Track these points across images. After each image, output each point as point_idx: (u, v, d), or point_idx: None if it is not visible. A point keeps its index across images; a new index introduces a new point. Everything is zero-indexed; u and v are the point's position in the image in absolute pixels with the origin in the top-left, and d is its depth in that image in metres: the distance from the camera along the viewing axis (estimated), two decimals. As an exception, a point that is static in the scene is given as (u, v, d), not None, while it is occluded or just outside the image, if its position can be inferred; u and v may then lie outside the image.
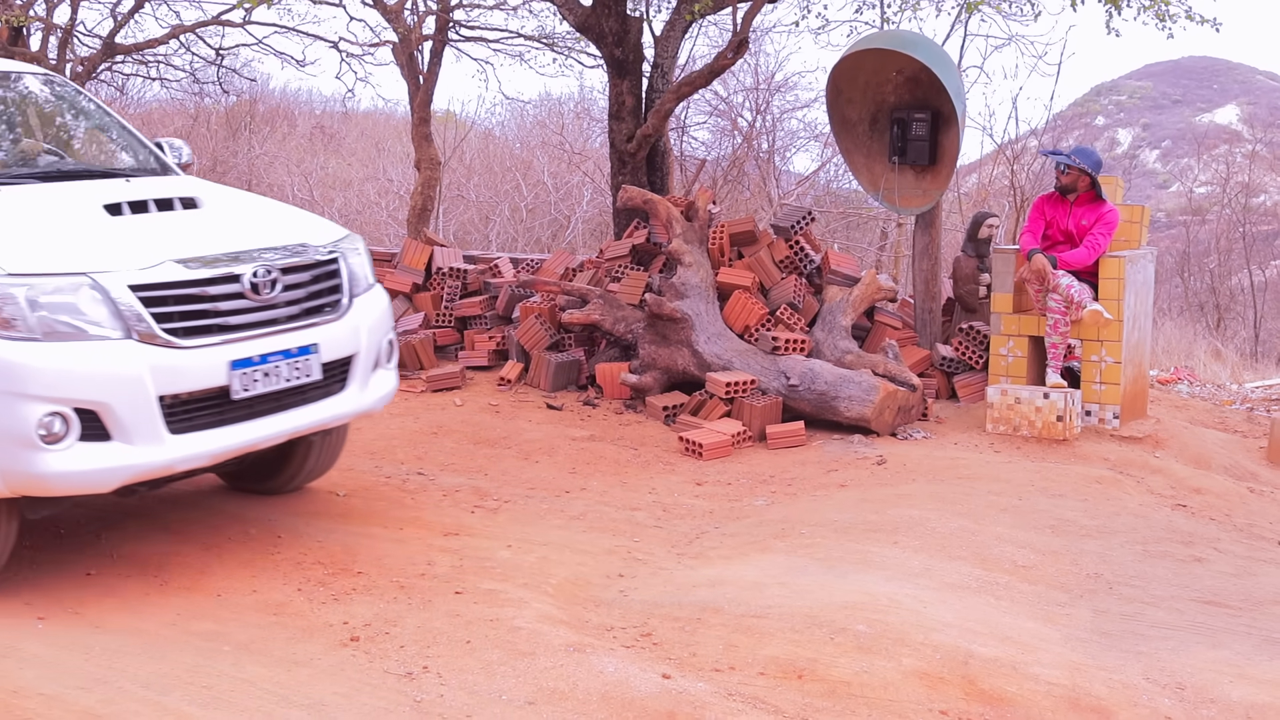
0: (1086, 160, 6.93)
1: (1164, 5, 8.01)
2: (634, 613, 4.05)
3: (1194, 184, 38.29)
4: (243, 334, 4.15)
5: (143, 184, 4.80)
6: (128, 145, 5.38)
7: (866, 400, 6.72)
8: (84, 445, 3.81)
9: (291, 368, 4.29)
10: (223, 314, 4.12)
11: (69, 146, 5.47)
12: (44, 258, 3.92)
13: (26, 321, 3.78)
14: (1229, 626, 4.12)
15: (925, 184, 7.99)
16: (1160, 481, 6.05)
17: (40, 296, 3.80)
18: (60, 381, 3.77)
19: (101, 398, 3.81)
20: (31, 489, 3.86)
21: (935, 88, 7.64)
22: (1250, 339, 19.38)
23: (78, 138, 5.56)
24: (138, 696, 3.34)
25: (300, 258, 4.43)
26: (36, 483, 3.82)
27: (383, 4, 12.25)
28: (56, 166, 4.98)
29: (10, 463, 3.77)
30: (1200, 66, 67.17)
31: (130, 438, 3.86)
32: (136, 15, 14.38)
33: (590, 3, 9.52)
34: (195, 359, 4.00)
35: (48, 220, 4.25)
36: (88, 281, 3.88)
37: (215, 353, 4.06)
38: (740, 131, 18.35)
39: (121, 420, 3.84)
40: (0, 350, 3.74)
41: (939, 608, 4.03)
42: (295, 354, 4.31)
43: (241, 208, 4.87)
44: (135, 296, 3.92)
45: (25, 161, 5.03)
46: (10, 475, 3.81)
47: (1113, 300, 6.87)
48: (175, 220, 4.47)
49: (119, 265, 3.96)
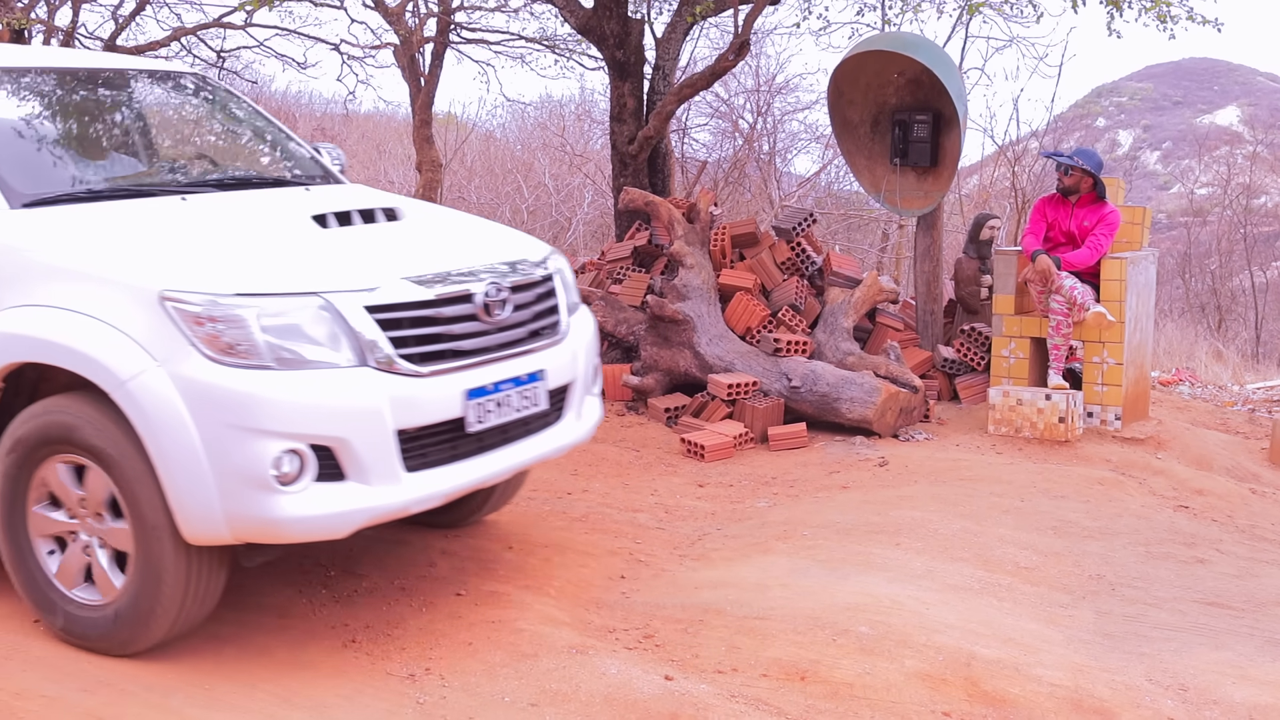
0: (1088, 161, 6.93)
1: (1165, 6, 8.01)
2: (636, 614, 4.04)
3: (1195, 185, 38.28)
4: (476, 360, 3.72)
5: (328, 193, 4.49)
6: (290, 151, 4.98)
7: (868, 402, 6.72)
8: (319, 486, 3.39)
9: (521, 396, 3.88)
10: (456, 337, 3.68)
11: (234, 153, 5.11)
12: (270, 275, 3.49)
13: (257, 348, 3.33)
14: (1231, 628, 4.12)
15: (927, 185, 7.99)
16: (1162, 483, 6.05)
17: (271, 319, 3.37)
18: (297, 415, 3.33)
19: (340, 433, 3.38)
20: (260, 535, 3.41)
21: (937, 89, 7.64)
22: (1251, 340, 19.37)
23: (240, 143, 5.14)
24: (140, 699, 3.35)
25: (525, 275, 4.01)
26: (268, 528, 3.38)
27: (384, 6, 12.26)
28: (233, 175, 4.68)
29: (237, 506, 3.32)
30: (1201, 68, 67.16)
31: (367, 477, 3.43)
32: (138, 18, 14.40)
33: (592, 5, 9.52)
34: (432, 388, 3.57)
35: (256, 233, 3.87)
36: (319, 302, 3.44)
37: (451, 381, 3.63)
38: (741, 133, 18.35)
39: (359, 458, 3.41)
40: (229, 380, 3.31)
41: (941, 609, 4.03)
42: (525, 381, 3.89)
43: (442, 220, 4.46)
44: (372, 318, 3.49)
45: (200, 169, 4.75)
46: (237, 520, 3.35)
47: (1114, 301, 6.87)
48: (385, 233, 4.09)
49: (348, 283, 3.52)
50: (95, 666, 3.53)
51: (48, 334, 3.46)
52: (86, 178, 4.20)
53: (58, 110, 4.47)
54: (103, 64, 4.82)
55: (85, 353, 3.38)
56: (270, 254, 3.68)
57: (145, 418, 3.32)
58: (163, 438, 3.31)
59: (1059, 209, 7.08)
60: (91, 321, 3.41)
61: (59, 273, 3.53)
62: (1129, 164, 44.33)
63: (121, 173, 4.44)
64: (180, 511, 3.35)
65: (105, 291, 3.43)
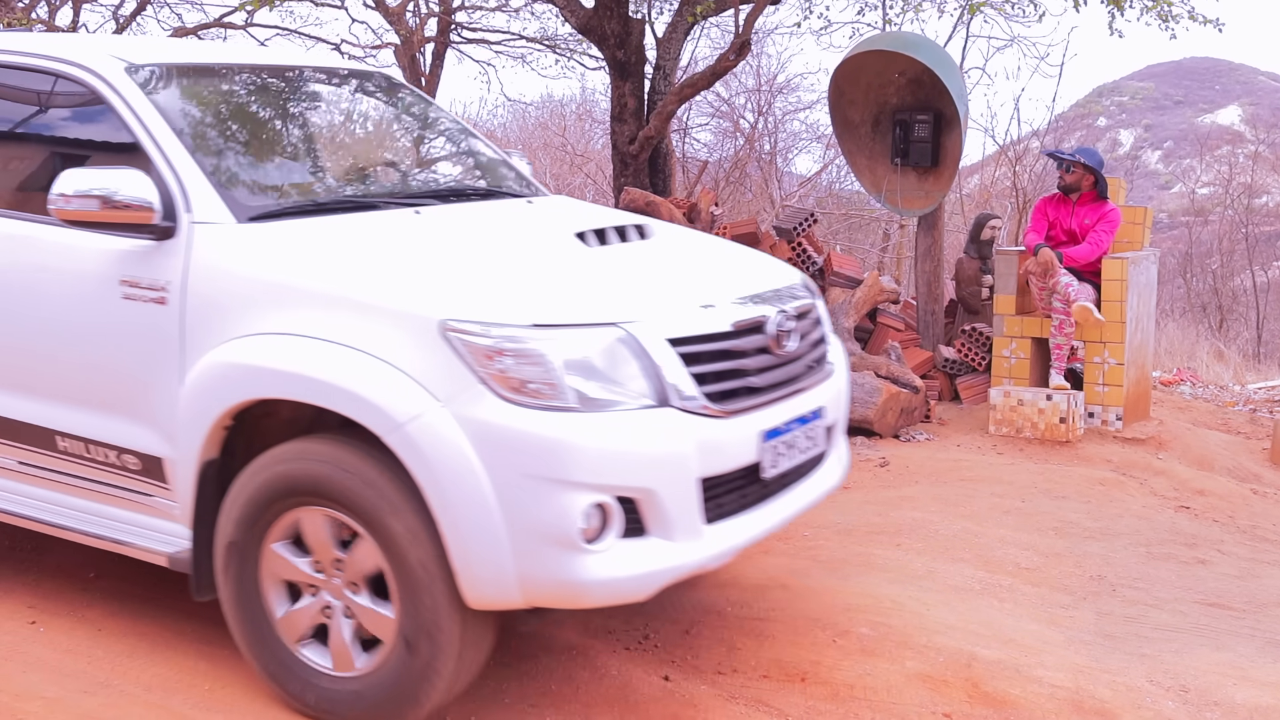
0: (1090, 160, 6.94)
1: (1167, 6, 8.01)
2: (635, 615, 4.04)
3: (1196, 185, 38.30)
4: (769, 396, 3.31)
5: (559, 206, 4.16)
6: (490, 159, 4.54)
7: (869, 402, 6.71)
8: (623, 544, 2.97)
9: (806, 436, 3.48)
10: (751, 372, 3.27)
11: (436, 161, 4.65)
12: (568, 303, 3.08)
13: (559, 387, 2.90)
14: (1233, 629, 4.12)
15: (928, 185, 7.98)
16: (1163, 483, 6.04)
17: (572, 354, 2.95)
18: (607, 463, 2.91)
19: (648, 483, 2.97)
20: (558, 599, 2.99)
21: (938, 89, 7.63)
22: (1253, 340, 19.37)
23: (439, 149, 4.69)
24: (141, 700, 3.35)
25: (801, 301, 3.62)
26: (568, 592, 2.94)
27: (385, 6, 12.26)
28: (455, 185, 4.31)
29: (534, 566, 2.90)
30: (1202, 67, 67.19)
31: (670, 532, 3.01)
32: (139, 18, 14.42)
33: (592, 5, 9.52)
34: (734, 430, 3.16)
35: (524, 253, 3.48)
36: (619, 334, 3.01)
37: (749, 421, 3.21)
38: (742, 133, 18.36)
39: (664, 510, 3.00)
40: (530, 424, 2.87)
41: (942, 610, 4.03)
42: (808, 419, 3.48)
43: (689, 238, 4.04)
44: (674, 352, 3.07)
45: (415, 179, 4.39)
46: (533, 582, 2.92)
47: (1115, 301, 6.87)
48: (647, 253, 3.67)
49: (646, 312, 3.10)
50: (96, 668, 3.53)
51: (297, 367, 3.05)
52: (307, 187, 3.84)
53: (262, 113, 4.09)
54: (294, 62, 4.42)
55: (352, 390, 2.96)
56: (556, 278, 3.28)
57: (428, 466, 2.89)
58: (449, 488, 2.88)
59: (1060, 208, 7.09)
60: (354, 354, 2.98)
61: (304, 296, 3.12)
62: (1130, 163, 44.36)
63: (334, 182, 4.02)
64: (464, 572, 2.92)
65: (368, 319, 3.01)
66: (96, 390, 3.49)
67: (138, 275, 3.37)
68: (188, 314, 3.28)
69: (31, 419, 3.63)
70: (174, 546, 3.43)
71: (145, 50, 3.83)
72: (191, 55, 4.02)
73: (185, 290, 3.30)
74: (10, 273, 3.63)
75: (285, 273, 3.19)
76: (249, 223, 3.35)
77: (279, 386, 3.09)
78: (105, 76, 3.60)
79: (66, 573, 4.27)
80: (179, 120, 3.55)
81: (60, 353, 3.55)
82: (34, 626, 3.81)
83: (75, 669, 3.52)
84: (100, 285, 3.43)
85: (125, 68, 3.63)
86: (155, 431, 3.38)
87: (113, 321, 3.41)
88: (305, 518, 3.14)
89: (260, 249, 3.28)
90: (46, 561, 4.38)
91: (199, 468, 3.28)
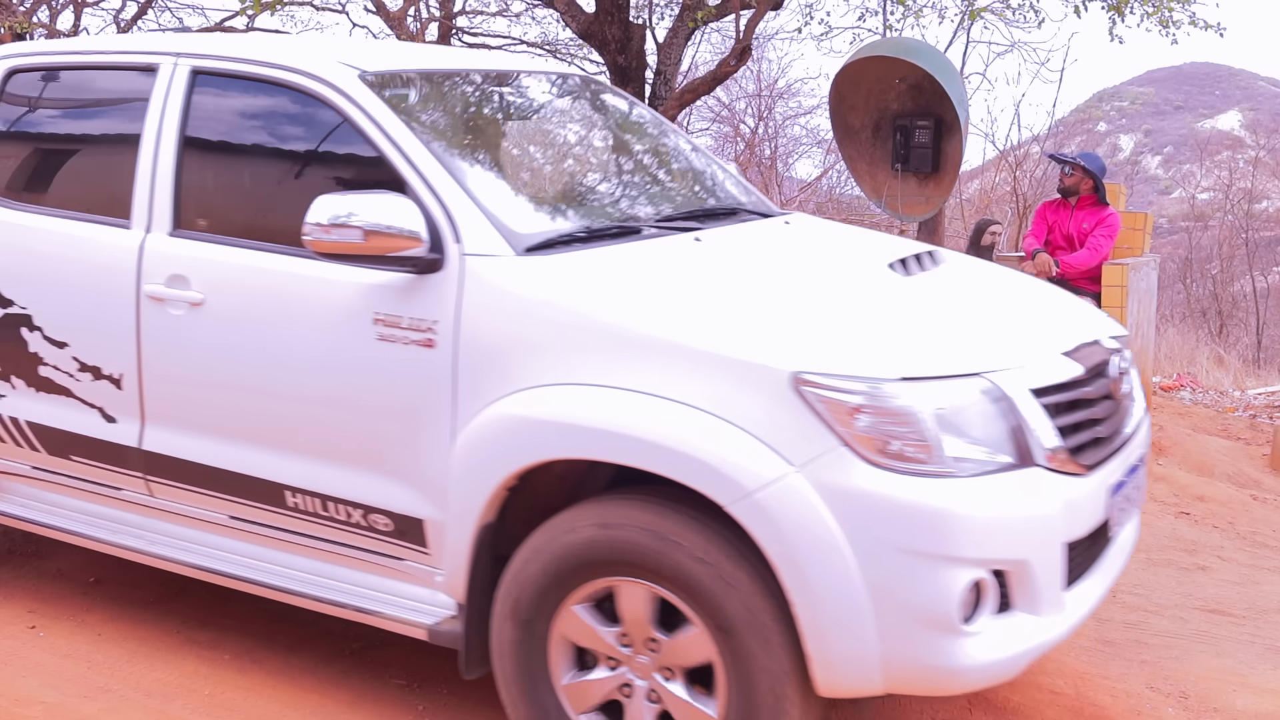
0: (1091, 164, 6.96)
1: (1168, 11, 8.02)
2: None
3: (1196, 190, 38.30)
4: (1114, 446, 2.98)
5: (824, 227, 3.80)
6: (720, 171, 4.09)
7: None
8: (995, 622, 2.63)
9: (1135, 488, 3.14)
10: (1099, 421, 2.94)
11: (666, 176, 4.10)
12: (932, 352, 2.73)
13: (931, 449, 2.55)
14: (1233, 635, 4.11)
15: (928, 191, 8.00)
16: (1163, 489, 6.04)
17: (942, 410, 2.59)
18: (988, 535, 2.57)
19: (1023, 554, 2.63)
20: (926, 686, 2.66)
21: (938, 95, 7.65)
22: (1253, 345, 19.37)
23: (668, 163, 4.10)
24: (140, 705, 3.35)
25: (1119, 338, 3.28)
26: (940, 679, 2.61)
27: (386, 11, 12.29)
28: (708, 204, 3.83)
29: (904, 650, 2.56)
30: (1202, 73, 67.29)
31: (1036, 604, 2.67)
32: (140, 22, 14.44)
33: (593, 10, 9.54)
34: (1091, 487, 2.82)
35: (848, 287, 3.09)
36: (984, 385, 2.66)
37: (1101, 476, 2.87)
38: (743, 138, 18.39)
39: (1033, 581, 2.65)
40: (904, 491, 2.53)
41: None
42: (1136, 469, 3.13)
43: (977, 265, 3.67)
44: (1038, 403, 2.72)
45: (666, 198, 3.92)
46: (900, 667, 2.58)
47: (1116, 307, 6.87)
48: (960, 284, 3.31)
49: (1007, 360, 2.76)
50: (95, 673, 3.53)
51: (615, 425, 2.67)
52: (575, 212, 3.41)
53: (509, 126, 3.68)
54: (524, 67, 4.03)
55: (686, 451, 2.59)
56: (905, 320, 2.92)
57: (782, 538, 2.54)
58: (807, 564, 2.54)
59: (1059, 212, 7.11)
60: (683, 409, 2.61)
61: (611, 341, 2.73)
62: (1130, 168, 44.39)
63: (596, 204, 3.61)
64: (820, 657, 2.59)
65: (696, 369, 2.63)
66: (339, 441, 3.08)
67: (396, 313, 2.95)
68: (460, 358, 2.88)
69: (255, 471, 3.22)
70: (433, 616, 3.03)
71: (373, 56, 3.38)
72: (419, 60, 3.59)
73: (458, 332, 2.88)
74: (233, 309, 3.20)
75: (585, 314, 2.78)
76: (527, 254, 2.93)
77: (589, 446, 2.72)
78: (342, 87, 3.15)
79: (67, 577, 4.27)
80: (429, 136, 3.14)
81: (294, 399, 3.12)
82: (34, 631, 3.81)
83: (75, 674, 3.52)
84: (349, 324, 3.01)
85: (359, 75, 3.19)
86: (414, 490, 2.98)
87: (363, 365, 2.99)
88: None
89: (549, 285, 2.86)
90: (47, 566, 4.37)
91: (476, 532, 2.88)
